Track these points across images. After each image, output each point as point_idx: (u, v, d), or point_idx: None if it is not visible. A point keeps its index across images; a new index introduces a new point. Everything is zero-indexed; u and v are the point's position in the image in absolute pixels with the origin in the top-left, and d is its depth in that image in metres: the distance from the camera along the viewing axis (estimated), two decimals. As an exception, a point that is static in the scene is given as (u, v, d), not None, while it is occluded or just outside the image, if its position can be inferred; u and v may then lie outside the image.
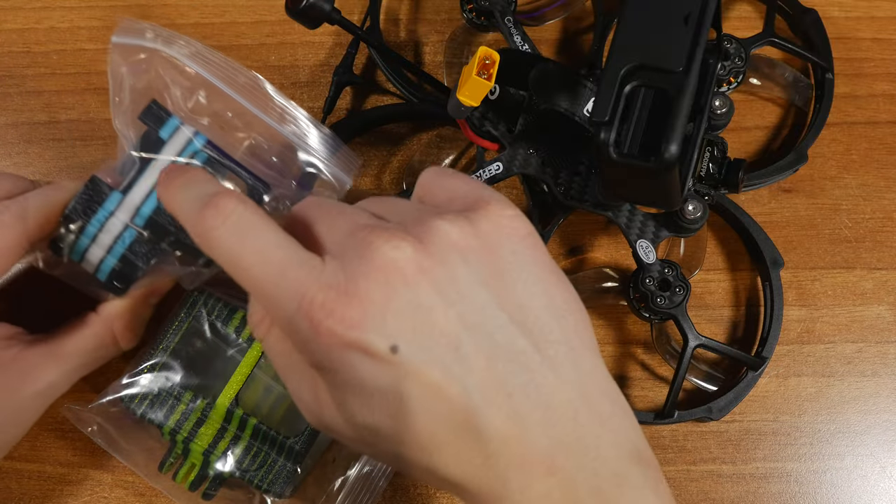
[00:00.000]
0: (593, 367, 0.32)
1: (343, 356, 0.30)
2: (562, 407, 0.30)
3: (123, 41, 0.44)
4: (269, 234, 0.32)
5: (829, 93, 0.54)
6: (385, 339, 0.30)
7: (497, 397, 0.30)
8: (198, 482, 0.45)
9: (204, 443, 0.45)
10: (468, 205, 0.33)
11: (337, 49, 0.56)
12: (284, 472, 0.45)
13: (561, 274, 0.33)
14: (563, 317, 0.32)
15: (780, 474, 0.49)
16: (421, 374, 0.30)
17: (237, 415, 0.46)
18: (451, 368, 0.30)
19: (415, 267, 0.30)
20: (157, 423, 0.45)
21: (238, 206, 0.33)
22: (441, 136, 0.54)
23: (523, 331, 0.31)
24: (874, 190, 0.54)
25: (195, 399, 0.46)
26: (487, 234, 0.32)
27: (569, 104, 0.45)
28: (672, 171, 0.39)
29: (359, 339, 0.30)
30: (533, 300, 0.31)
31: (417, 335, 0.30)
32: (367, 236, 0.31)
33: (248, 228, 0.32)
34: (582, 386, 0.31)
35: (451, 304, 0.30)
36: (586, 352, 0.32)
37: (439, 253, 0.31)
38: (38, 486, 0.49)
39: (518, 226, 0.33)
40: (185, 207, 0.35)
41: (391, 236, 0.31)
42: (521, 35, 0.51)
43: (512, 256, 0.32)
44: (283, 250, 0.32)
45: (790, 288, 0.52)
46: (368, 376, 0.30)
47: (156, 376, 0.46)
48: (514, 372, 0.30)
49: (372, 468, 0.46)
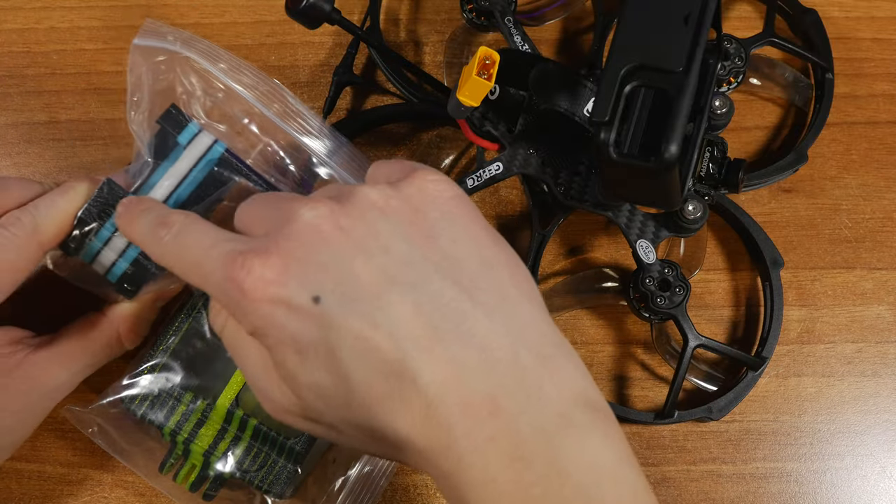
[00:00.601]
0: (531, 314, 0.32)
1: (270, 313, 0.31)
2: (499, 350, 0.30)
3: (145, 43, 0.44)
4: (207, 230, 0.34)
5: (829, 93, 0.54)
6: (306, 292, 0.30)
7: (428, 343, 0.30)
8: (198, 483, 0.45)
9: (204, 444, 0.45)
10: (397, 178, 0.34)
11: (337, 49, 0.56)
12: (285, 473, 0.45)
13: (492, 231, 0.33)
14: (494, 267, 0.32)
15: (780, 474, 0.49)
16: (346, 325, 0.30)
17: (237, 416, 0.46)
18: (374, 317, 0.30)
19: (332, 224, 0.31)
20: (158, 424, 0.45)
21: (181, 218, 0.36)
22: (441, 136, 0.54)
23: (452, 280, 0.31)
24: (874, 190, 0.54)
25: (195, 400, 0.46)
26: (411, 196, 0.33)
27: (569, 104, 0.45)
28: (672, 171, 0.39)
29: (279, 293, 0.30)
30: (460, 252, 0.32)
31: (338, 286, 0.30)
32: (290, 205, 0.32)
33: (187, 231, 0.35)
34: (519, 330, 0.31)
35: (370, 256, 0.31)
36: (523, 299, 0.32)
37: (358, 212, 0.32)
38: (38, 486, 0.49)
39: (443, 188, 0.34)
40: (141, 230, 0.38)
41: (310, 201, 0.32)
42: (521, 35, 0.51)
43: (437, 214, 0.33)
44: (216, 236, 0.34)
45: (790, 288, 0.52)
46: (297, 331, 0.30)
47: (156, 377, 0.46)
48: (445, 318, 0.30)
49: (372, 468, 0.46)
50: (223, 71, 0.44)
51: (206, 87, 0.45)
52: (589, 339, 0.51)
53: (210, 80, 0.44)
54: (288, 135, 0.45)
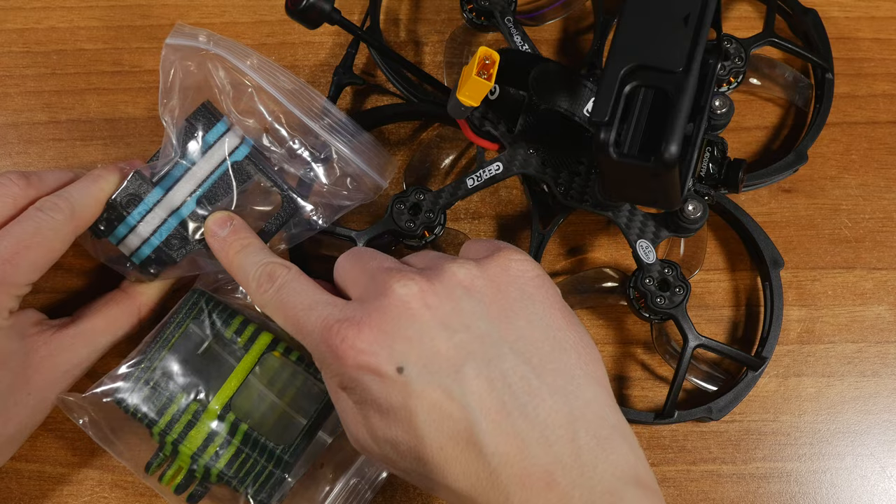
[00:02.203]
0: (594, 395, 0.34)
1: (358, 376, 0.35)
2: (560, 428, 0.33)
3: (177, 42, 0.46)
4: (306, 289, 0.39)
5: (829, 93, 0.54)
6: (392, 362, 0.34)
7: (496, 417, 0.33)
8: (184, 485, 0.45)
9: (193, 446, 0.45)
10: (484, 256, 0.38)
11: (337, 49, 0.56)
12: (272, 481, 0.45)
13: (567, 311, 0.37)
14: (565, 349, 0.35)
15: (780, 474, 0.49)
16: (425, 394, 0.33)
17: (229, 420, 0.46)
18: (451, 389, 0.33)
19: (421, 302, 0.35)
20: (148, 421, 0.45)
21: (284, 273, 0.40)
22: (441, 136, 0.54)
23: (524, 359, 0.34)
24: (874, 190, 0.54)
25: (188, 400, 0.46)
26: (495, 275, 0.36)
27: (569, 104, 0.45)
28: (672, 171, 0.39)
29: (369, 361, 0.34)
30: (534, 333, 0.35)
31: (421, 359, 0.34)
32: (385, 277, 0.36)
33: (289, 288, 0.39)
34: (580, 411, 0.34)
35: (453, 333, 0.34)
36: (588, 381, 0.35)
37: (446, 291, 0.35)
38: (38, 486, 0.49)
39: (526, 268, 0.37)
40: (243, 272, 0.42)
41: (402, 276, 0.36)
42: (521, 35, 0.51)
43: (518, 294, 0.36)
44: (314, 297, 0.38)
45: (790, 288, 0.52)
46: (381, 395, 0.34)
47: (151, 373, 0.46)
48: (514, 394, 0.33)
49: (360, 479, 0.46)
50: (252, 68, 0.46)
51: (235, 83, 0.47)
52: (589, 339, 0.51)
53: (239, 77, 0.47)
54: (313, 131, 0.47)
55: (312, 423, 0.46)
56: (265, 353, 0.47)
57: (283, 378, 0.47)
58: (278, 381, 0.47)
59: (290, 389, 0.46)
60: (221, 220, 0.45)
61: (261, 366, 0.46)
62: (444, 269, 0.36)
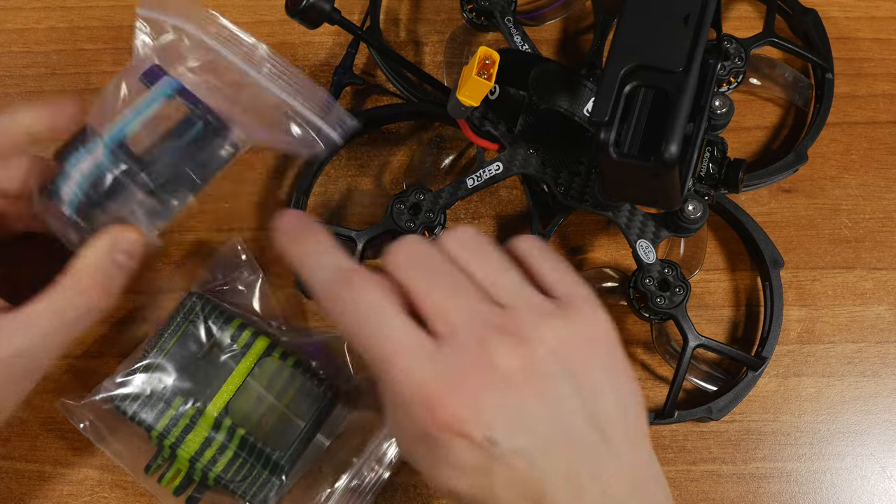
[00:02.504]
0: (647, 455, 0.38)
1: (448, 439, 0.35)
2: (617, 487, 0.36)
3: (146, 14, 0.44)
4: (390, 315, 0.37)
5: (829, 93, 0.54)
6: (483, 430, 0.35)
7: (566, 482, 0.35)
8: (183, 487, 0.46)
9: (191, 450, 0.45)
10: (564, 300, 0.38)
11: (337, 49, 0.56)
12: (269, 485, 0.46)
13: (629, 370, 0.38)
14: (627, 410, 0.37)
15: (780, 474, 0.49)
16: (511, 462, 0.35)
17: (225, 424, 0.46)
18: (535, 459, 0.35)
19: (521, 377, 0.35)
20: (146, 425, 0.45)
21: (366, 285, 0.37)
22: (441, 136, 0.54)
23: (595, 426, 0.36)
24: (874, 190, 0.54)
25: (185, 404, 0.46)
26: (584, 340, 0.37)
27: (569, 104, 0.45)
28: (672, 171, 0.39)
29: (464, 430, 0.35)
30: (606, 397, 0.37)
31: (514, 431, 0.35)
32: (483, 334, 0.36)
33: (372, 309, 0.37)
34: (636, 471, 0.37)
35: (545, 405, 0.36)
36: (643, 440, 0.38)
37: (541, 364, 0.36)
38: (38, 486, 0.49)
39: (604, 328, 0.38)
40: (318, 275, 0.39)
41: (501, 343, 0.36)
42: (521, 35, 0.51)
43: (594, 356, 0.37)
44: (400, 333, 0.36)
45: (790, 288, 0.52)
46: (466, 457, 0.35)
47: (149, 378, 0.46)
48: (584, 459, 0.36)
49: (360, 482, 0.46)
50: (213, 36, 0.45)
51: (197, 50, 0.45)
52: (589, 339, 0.51)
53: (201, 46, 0.45)
54: (264, 86, 0.44)
55: (310, 426, 0.46)
56: (263, 357, 0.47)
57: (281, 381, 0.47)
58: (276, 384, 0.47)
59: (288, 392, 0.46)
60: (289, 216, 0.41)
61: (259, 369, 0.46)
62: (539, 337, 0.36)
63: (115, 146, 0.43)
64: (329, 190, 0.54)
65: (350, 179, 0.54)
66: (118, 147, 0.43)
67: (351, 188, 0.54)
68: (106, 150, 0.43)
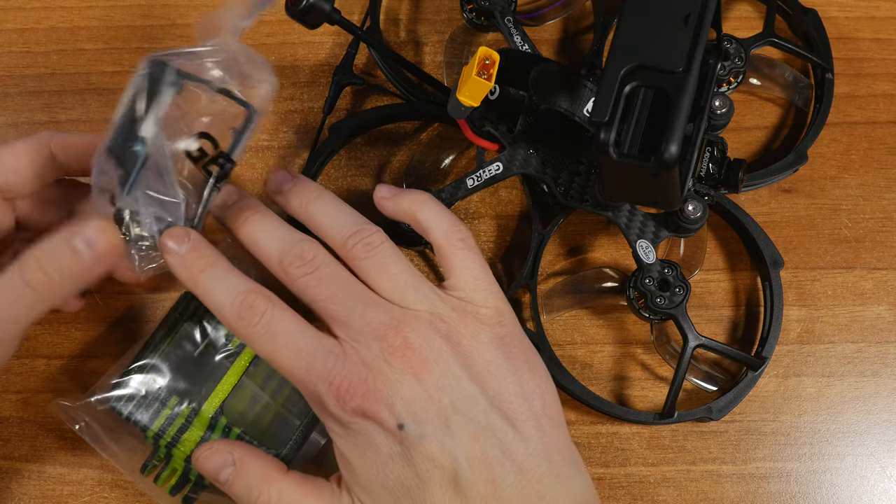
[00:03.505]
0: (557, 439, 0.40)
1: (363, 423, 0.39)
2: (531, 472, 0.39)
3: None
4: (296, 331, 0.40)
5: (829, 93, 0.54)
6: (394, 418, 0.38)
7: (479, 465, 0.38)
8: (179, 487, 0.46)
9: (186, 449, 0.45)
10: (461, 291, 0.42)
11: (337, 49, 0.56)
12: None
13: (532, 361, 0.42)
14: (532, 400, 0.41)
15: (780, 474, 0.49)
16: (424, 448, 0.38)
17: (221, 423, 0.46)
18: (443, 443, 0.38)
19: (420, 369, 0.39)
20: (142, 425, 0.45)
21: (269, 308, 0.40)
22: (441, 136, 0.54)
23: (500, 413, 0.40)
24: (874, 190, 0.54)
25: (181, 404, 0.46)
26: (472, 332, 0.41)
27: (569, 104, 0.45)
28: (672, 171, 0.39)
29: (375, 413, 0.38)
30: (507, 388, 0.40)
31: (417, 418, 0.38)
32: (385, 335, 0.40)
33: (279, 329, 0.40)
34: (547, 454, 0.40)
35: (445, 394, 0.39)
36: (552, 426, 0.41)
37: (439, 356, 0.40)
38: (38, 486, 0.49)
39: (501, 321, 0.42)
40: (213, 297, 0.41)
41: (399, 340, 0.40)
42: (521, 35, 0.51)
43: (490, 348, 0.41)
44: (309, 343, 0.40)
45: (790, 288, 0.52)
46: (381, 443, 0.39)
47: (144, 377, 0.46)
48: (493, 445, 0.39)
49: None
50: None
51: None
52: (589, 339, 0.51)
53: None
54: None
55: (306, 425, 0.46)
56: (258, 356, 0.47)
57: (276, 380, 0.47)
58: (271, 383, 0.47)
59: (283, 391, 0.47)
60: (178, 236, 0.41)
61: (254, 368, 0.47)
62: (420, 317, 0.40)
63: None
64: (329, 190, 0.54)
65: (350, 179, 0.54)
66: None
67: (351, 188, 0.54)
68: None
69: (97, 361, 0.50)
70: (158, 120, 0.41)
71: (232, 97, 0.43)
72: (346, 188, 0.54)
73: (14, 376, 0.50)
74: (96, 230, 0.40)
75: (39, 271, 0.40)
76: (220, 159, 0.43)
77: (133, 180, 0.42)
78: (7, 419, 0.50)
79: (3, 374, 0.50)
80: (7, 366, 0.50)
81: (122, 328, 0.51)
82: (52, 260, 0.40)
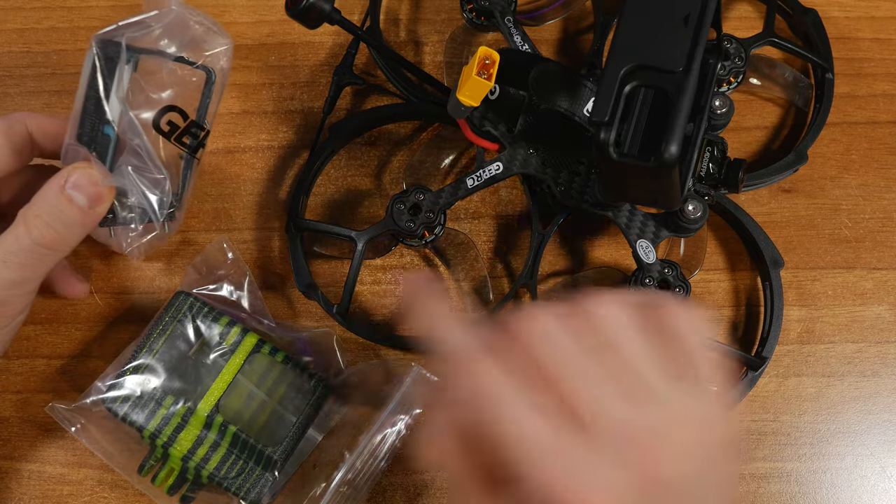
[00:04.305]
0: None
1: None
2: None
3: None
4: (522, 405, 0.32)
5: (829, 93, 0.54)
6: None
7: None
8: (176, 486, 0.46)
9: (183, 448, 0.45)
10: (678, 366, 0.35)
11: (337, 49, 0.56)
12: (262, 481, 0.46)
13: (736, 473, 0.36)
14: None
15: (780, 474, 0.49)
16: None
17: (217, 422, 0.46)
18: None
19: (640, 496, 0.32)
20: (138, 426, 0.45)
21: (493, 370, 0.33)
22: (441, 136, 0.54)
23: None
24: (874, 190, 0.54)
25: (176, 404, 0.46)
26: (697, 440, 0.34)
27: (569, 104, 0.45)
28: (672, 171, 0.39)
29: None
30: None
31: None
32: (622, 432, 0.32)
33: (503, 396, 0.32)
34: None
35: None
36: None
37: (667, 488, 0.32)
38: (38, 486, 0.49)
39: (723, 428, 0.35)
40: (446, 345, 0.34)
41: (614, 461, 0.31)
42: (521, 35, 0.51)
43: (714, 465, 0.34)
44: (537, 429, 0.32)
45: (790, 288, 0.52)
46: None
47: (139, 378, 0.46)
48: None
49: (354, 476, 0.46)
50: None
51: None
52: (589, 339, 0.51)
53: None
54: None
55: (302, 421, 0.46)
56: (252, 354, 0.47)
57: (271, 377, 0.47)
58: (266, 380, 0.47)
59: (278, 388, 0.47)
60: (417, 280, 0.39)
61: (248, 366, 0.47)
62: (654, 451, 0.32)
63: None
64: (329, 190, 0.54)
65: (350, 179, 0.54)
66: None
67: (351, 188, 0.54)
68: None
69: (97, 361, 0.50)
70: (122, 99, 0.42)
71: (188, 62, 0.44)
72: (346, 188, 0.54)
73: (14, 376, 0.50)
74: (79, 174, 0.43)
75: (47, 228, 0.42)
76: (193, 129, 0.44)
77: (110, 162, 0.43)
78: (7, 419, 0.50)
79: (3, 374, 0.50)
80: (7, 366, 0.50)
81: (122, 328, 0.51)
82: (53, 214, 0.43)
